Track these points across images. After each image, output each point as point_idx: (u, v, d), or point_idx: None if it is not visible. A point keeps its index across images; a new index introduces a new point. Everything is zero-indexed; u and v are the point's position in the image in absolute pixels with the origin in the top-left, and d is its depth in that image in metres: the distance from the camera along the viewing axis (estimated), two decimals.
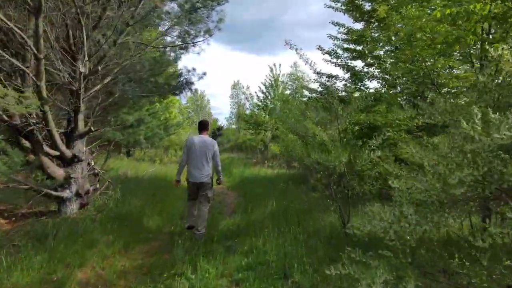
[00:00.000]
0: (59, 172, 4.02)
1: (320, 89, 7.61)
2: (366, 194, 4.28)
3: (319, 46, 7.28)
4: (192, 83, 6.35)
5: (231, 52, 74.19)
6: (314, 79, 7.40)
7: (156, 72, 6.33)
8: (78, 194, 4.14)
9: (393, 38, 6.28)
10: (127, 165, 11.30)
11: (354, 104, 4.34)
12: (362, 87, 7.27)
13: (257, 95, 20.16)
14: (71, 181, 4.10)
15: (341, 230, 3.99)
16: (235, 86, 39.35)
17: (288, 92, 17.90)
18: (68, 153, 4.06)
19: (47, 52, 3.68)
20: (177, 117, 17.09)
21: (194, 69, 6.57)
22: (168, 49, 6.55)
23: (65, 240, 3.37)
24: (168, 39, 6.20)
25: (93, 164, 4.68)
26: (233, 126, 42.12)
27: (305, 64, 6.61)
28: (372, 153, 3.61)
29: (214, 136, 46.52)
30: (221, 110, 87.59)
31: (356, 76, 7.24)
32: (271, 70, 19.94)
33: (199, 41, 5.24)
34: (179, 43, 6.03)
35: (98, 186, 4.43)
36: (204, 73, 6.61)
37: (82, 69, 3.42)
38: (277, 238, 3.75)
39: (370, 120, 5.78)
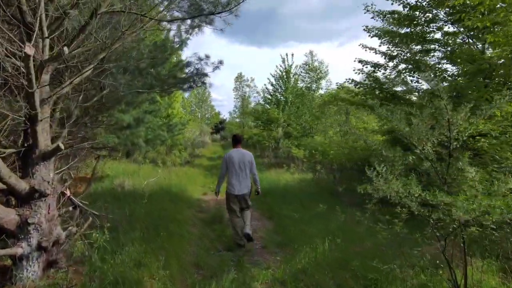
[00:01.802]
0: (8, 217, 2.55)
1: (367, 81, 6.04)
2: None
3: (366, 27, 5.69)
4: (205, 75, 4.79)
5: (231, 44, 72.02)
6: (358, 70, 5.84)
7: (158, 61, 4.77)
8: (41, 248, 2.67)
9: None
10: (125, 170, 9.81)
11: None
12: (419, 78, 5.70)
13: (266, 88, 18.59)
14: (29, 229, 2.63)
15: None
16: (239, 78, 37.64)
17: (302, 84, 16.25)
18: (22, 185, 2.56)
19: None
20: (181, 113, 15.50)
21: (207, 57, 4.99)
22: (172, 33, 4.98)
23: None
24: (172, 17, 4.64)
25: (68, 194, 3.19)
26: (237, 120, 40.60)
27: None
28: None
29: (217, 129, 45.28)
30: (222, 103, 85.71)
31: (413, 64, 5.65)
32: (283, 61, 18.30)
33: (223, 12, 3.57)
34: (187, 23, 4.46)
35: (75, 229, 2.96)
36: (221, 62, 5.03)
37: (29, 51, 1.91)
38: None
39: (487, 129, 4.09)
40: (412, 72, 5.71)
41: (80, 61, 3.44)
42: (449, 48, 5.62)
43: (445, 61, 5.64)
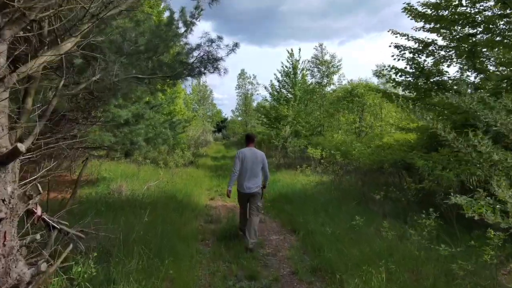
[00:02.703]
0: None
1: (411, 70, 5.12)
2: None
3: (408, 4, 4.78)
4: (219, 59, 3.91)
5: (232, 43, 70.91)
6: (398, 56, 4.93)
7: (161, 45, 3.90)
8: None
9: None
10: (124, 171, 8.95)
11: None
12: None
13: (272, 85, 17.73)
14: None
15: None
16: (242, 75, 36.73)
17: (311, 80, 15.33)
18: None
19: None
20: (184, 110, 14.61)
21: (220, 38, 4.12)
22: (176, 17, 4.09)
23: None
24: None
25: (39, 213, 2.31)
26: (239, 118, 39.66)
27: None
28: None
29: (219, 128, 44.36)
30: (223, 101, 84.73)
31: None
32: (290, 56, 17.40)
33: None
34: None
35: (44, 266, 2.10)
36: (236, 44, 4.15)
37: None
38: None
39: None
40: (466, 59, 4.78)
41: (59, 33, 2.58)
42: None
43: None
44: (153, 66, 3.88)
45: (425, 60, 5.02)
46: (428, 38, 5.80)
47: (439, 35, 5.64)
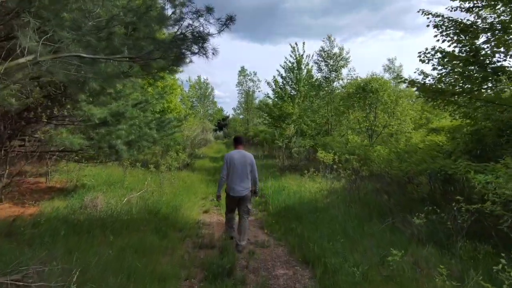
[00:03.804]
0: None
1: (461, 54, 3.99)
2: None
3: None
4: (207, 36, 2.82)
5: (234, 41, 69.90)
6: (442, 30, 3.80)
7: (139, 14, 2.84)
8: None
9: None
10: (109, 176, 7.92)
11: None
12: None
13: (276, 81, 16.65)
14: None
15: None
16: (242, 72, 35.64)
17: (318, 75, 14.19)
18: None
19: None
20: (180, 108, 13.50)
21: (210, 10, 3.05)
22: None
23: None
24: None
25: None
26: (241, 117, 38.54)
27: None
28: None
29: (220, 126, 43.28)
30: (225, 100, 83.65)
31: None
32: (293, 50, 16.27)
33: None
34: None
35: None
36: (231, 18, 3.09)
37: None
38: None
39: None
40: None
41: None
42: None
43: None
44: (118, 44, 2.80)
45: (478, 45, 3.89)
46: (468, 20, 4.72)
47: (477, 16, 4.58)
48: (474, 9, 4.71)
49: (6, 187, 5.50)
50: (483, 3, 4.29)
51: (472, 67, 3.81)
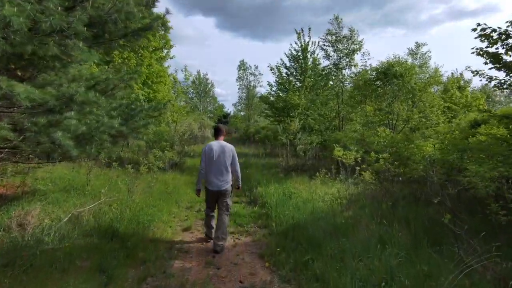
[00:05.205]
0: None
1: None
2: None
3: None
4: None
5: (235, 39, 68.42)
6: None
7: None
8: None
9: None
10: (74, 179, 6.39)
11: None
12: None
13: (279, 69, 15.09)
14: None
15: None
16: (242, 66, 34.09)
17: (326, 63, 12.55)
18: None
19: None
20: (170, 96, 11.91)
21: None
22: None
23: None
24: None
25: None
26: (242, 113, 37.01)
27: None
28: None
29: (221, 123, 41.93)
30: (226, 98, 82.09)
31: None
32: (298, 37, 14.64)
33: None
34: None
35: None
36: None
37: None
38: None
39: None
40: None
41: None
42: None
43: None
44: None
45: None
46: None
47: None
48: None
49: None
50: None
51: None
